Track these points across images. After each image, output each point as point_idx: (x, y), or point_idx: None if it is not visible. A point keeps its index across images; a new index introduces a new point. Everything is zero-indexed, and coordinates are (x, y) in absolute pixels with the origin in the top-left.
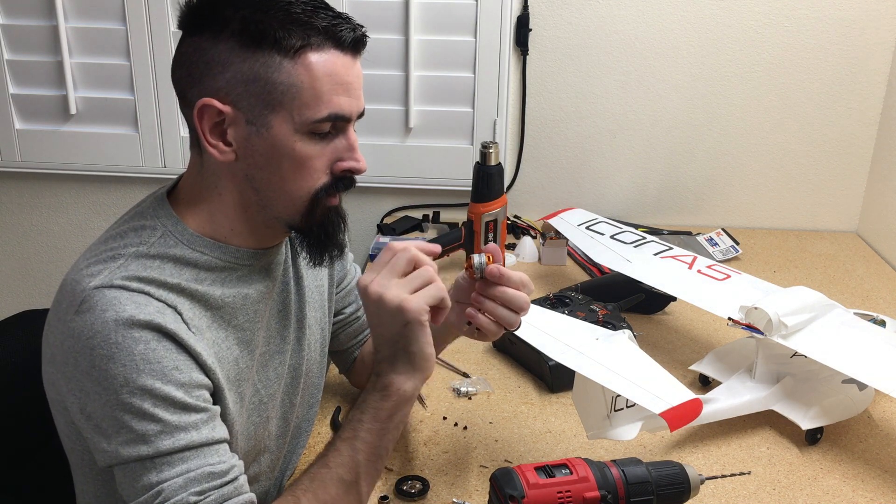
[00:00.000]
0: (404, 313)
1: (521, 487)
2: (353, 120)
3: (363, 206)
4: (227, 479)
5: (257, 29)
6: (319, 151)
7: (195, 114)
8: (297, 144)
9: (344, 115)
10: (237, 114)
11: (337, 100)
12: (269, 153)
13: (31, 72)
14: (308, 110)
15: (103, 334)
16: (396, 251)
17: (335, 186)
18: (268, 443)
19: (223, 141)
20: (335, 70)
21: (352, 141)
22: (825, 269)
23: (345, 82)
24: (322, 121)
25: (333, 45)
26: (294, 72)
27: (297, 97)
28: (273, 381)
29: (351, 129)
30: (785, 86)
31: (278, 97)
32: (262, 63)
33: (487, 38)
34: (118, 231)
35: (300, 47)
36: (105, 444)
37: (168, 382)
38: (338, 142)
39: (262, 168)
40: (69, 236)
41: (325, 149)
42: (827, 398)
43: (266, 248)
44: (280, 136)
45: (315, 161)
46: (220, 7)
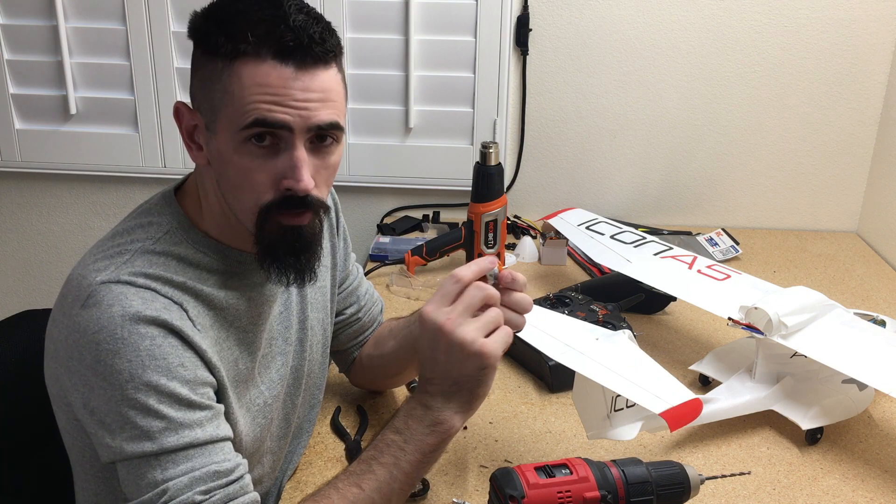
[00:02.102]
0: (483, 358)
1: (521, 487)
2: (295, 132)
3: (363, 206)
4: (232, 478)
5: (208, 36)
6: (259, 165)
7: (173, 115)
8: (235, 154)
9: (271, 123)
10: (200, 118)
11: (265, 108)
12: (220, 160)
13: (31, 72)
14: (237, 118)
15: (109, 329)
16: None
17: (285, 204)
18: (270, 444)
19: (197, 144)
20: (267, 81)
21: (295, 157)
22: (825, 269)
23: (278, 93)
24: (247, 128)
25: (271, 55)
26: (228, 80)
27: (229, 104)
28: (276, 383)
29: (297, 145)
30: (785, 86)
31: (217, 104)
32: (210, 70)
33: (487, 38)
34: (126, 227)
35: (234, 55)
36: (109, 440)
37: (173, 379)
38: (282, 158)
39: (220, 175)
40: (69, 236)
41: (267, 163)
42: (827, 398)
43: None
44: (223, 143)
45: (255, 174)
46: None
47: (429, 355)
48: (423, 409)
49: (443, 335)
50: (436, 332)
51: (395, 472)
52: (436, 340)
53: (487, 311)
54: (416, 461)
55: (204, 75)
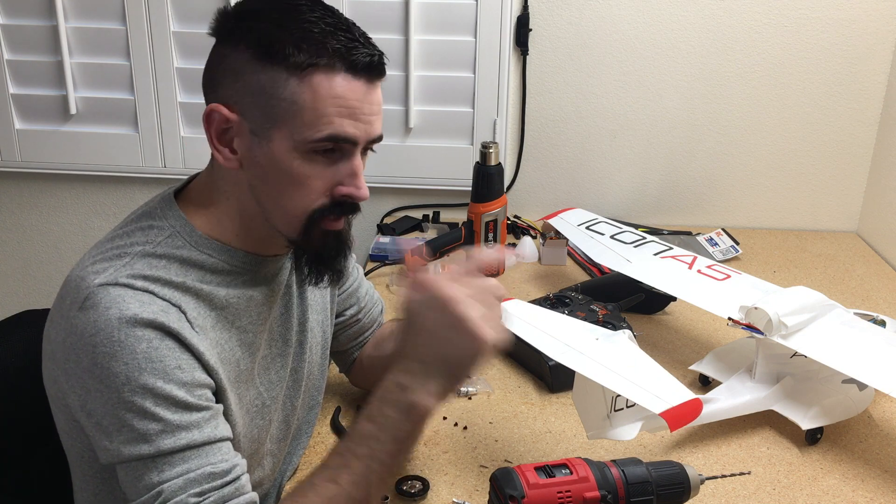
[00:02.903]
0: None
1: (521, 487)
2: (359, 145)
3: (363, 206)
4: (227, 480)
5: (270, 43)
6: (318, 172)
7: (204, 118)
8: (295, 162)
9: (345, 138)
10: (243, 123)
11: (339, 122)
12: (269, 166)
13: (31, 72)
14: (308, 130)
15: (106, 332)
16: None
17: (334, 210)
18: (270, 446)
19: (230, 148)
20: (342, 93)
21: (355, 166)
22: (825, 269)
23: (352, 107)
24: (320, 141)
25: (345, 69)
26: (298, 90)
27: (298, 115)
28: (275, 384)
29: (357, 155)
30: (785, 86)
31: (281, 113)
32: (270, 77)
33: (487, 38)
34: (125, 230)
35: (308, 66)
36: (107, 443)
37: (170, 381)
38: (341, 166)
39: (262, 180)
40: (69, 236)
41: (326, 171)
42: (827, 398)
43: (272, 256)
44: (279, 151)
45: (312, 181)
46: (245, 18)
47: (423, 325)
48: (397, 390)
49: (450, 307)
50: (444, 302)
51: (372, 464)
52: (440, 310)
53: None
54: (392, 450)
55: (258, 81)
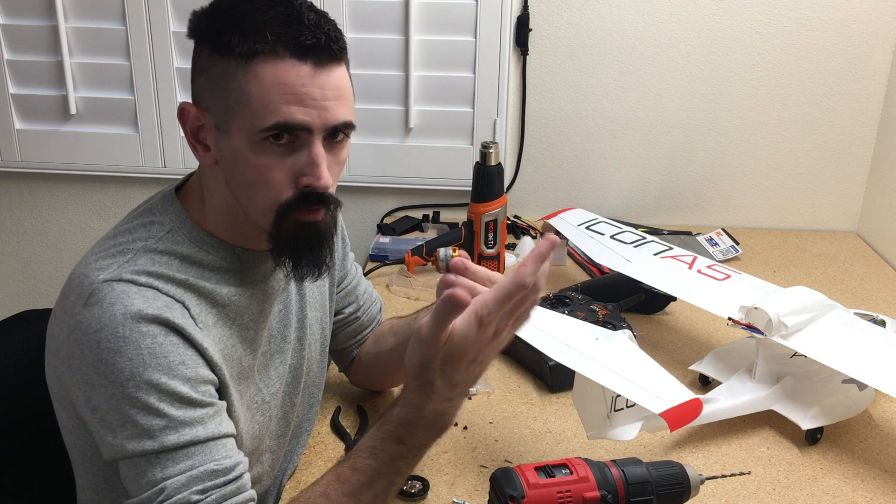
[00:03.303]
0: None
1: (521, 487)
2: (314, 132)
3: (363, 206)
4: (229, 478)
5: (218, 35)
6: (277, 163)
7: (177, 116)
8: (253, 154)
9: (295, 125)
10: (209, 118)
11: (286, 109)
12: (233, 160)
13: (31, 72)
14: (257, 119)
15: (111, 327)
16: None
17: (302, 201)
18: (269, 442)
19: (204, 145)
20: (286, 79)
21: (314, 155)
22: (825, 269)
23: (299, 93)
24: (268, 130)
25: (289, 54)
26: (245, 80)
27: (247, 105)
28: (274, 381)
29: (315, 143)
30: (785, 86)
31: (233, 105)
32: (223, 69)
33: (487, 38)
34: (127, 226)
35: (250, 54)
36: (110, 438)
37: (174, 377)
38: (300, 155)
39: (232, 174)
40: (69, 236)
41: (284, 161)
42: (827, 398)
43: (268, 252)
44: (238, 143)
45: (273, 172)
46: (208, 15)
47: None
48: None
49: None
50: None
51: (395, 479)
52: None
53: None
54: (413, 466)
55: (214, 75)
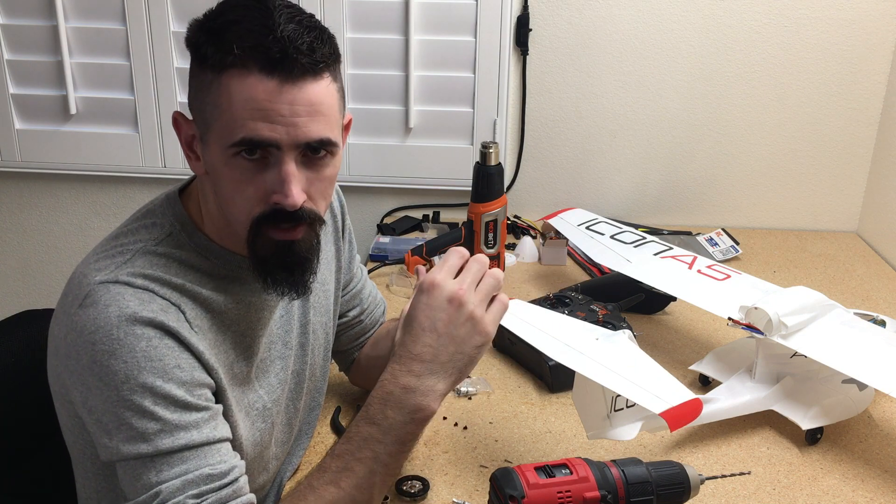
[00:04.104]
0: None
1: (521, 487)
2: (284, 149)
3: (363, 206)
4: (225, 482)
5: (199, 47)
6: (249, 178)
7: (172, 124)
8: (226, 168)
9: (259, 141)
10: (196, 129)
11: (252, 125)
12: (214, 172)
13: (31, 72)
14: (226, 133)
15: (105, 330)
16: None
17: (273, 218)
18: (275, 450)
19: (195, 154)
20: (253, 94)
21: (284, 172)
22: (825, 269)
23: (263, 108)
24: (235, 145)
25: (258, 67)
26: (218, 92)
27: (219, 119)
28: (276, 387)
29: (286, 160)
30: (785, 86)
31: (209, 117)
32: (200, 81)
33: (487, 38)
34: (129, 227)
35: (222, 67)
36: (107, 440)
37: (169, 381)
38: (270, 172)
39: (215, 185)
40: (69, 236)
41: (256, 177)
42: (827, 398)
43: None
44: (215, 156)
45: (244, 187)
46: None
47: (427, 326)
48: (403, 393)
49: (454, 305)
50: (446, 300)
51: (375, 467)
52: (443, 310)
53: (485, 280)
54: (395, 451)
55: (195, 86)
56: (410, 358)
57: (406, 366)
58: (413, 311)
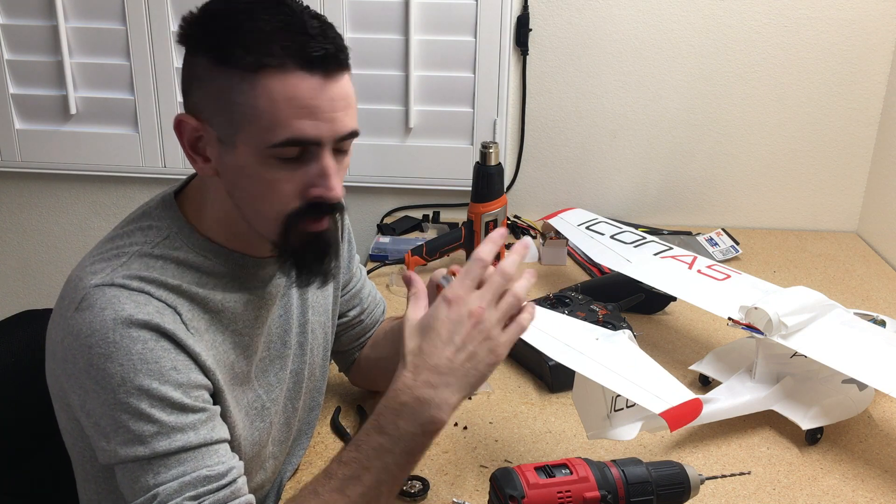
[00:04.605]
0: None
1: (521, 487)
2: (324, 145)
3: (363, 206)
4: (223, 483)
5: (221, 47)
6: (287, 176)
7: (174, 128)
8: (262, 168)
9: (307, 140)
10: (210, 131)
11: (298, 124)
12: (238, 173)
13: (31, 72)
14: (267, 134)
15: (101, 333)
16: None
17: (309, 212)
18: (272, 449)
19: (203, 156)
20: (296, 94)
21: (324, 166)
22: (825, 269)
23: (309, 106)
24: (280, 146)
25: (298, 66)
26: (253, 94)
27: (255, 120)
28: (274, 386)
29: (326, 154)
30: (785, 86)
31: (240, 119)
32: (227, 82)
33: (487, 38)
34: (125, 230)
35: (257, 68)
36: (104, 443)
37: (165, 383)
38: (310, 167)
39: (235, 186)
40: (69, 236)
41: (295, 174)
42: (827, 398)
43: (268, 257)
44: (245, 157)
45: (282, 185)
46: (202, 23)
47: (447, 338)
48: (417, 404)
49: (473, 321)
50: (466, 316)
51: (383, 477)
52: (463, 325)
53: (506, 299)
54: (404, 462)
55: (217, 87)
56: (427, 369)
57: (422, 377)
58: (433, 322)
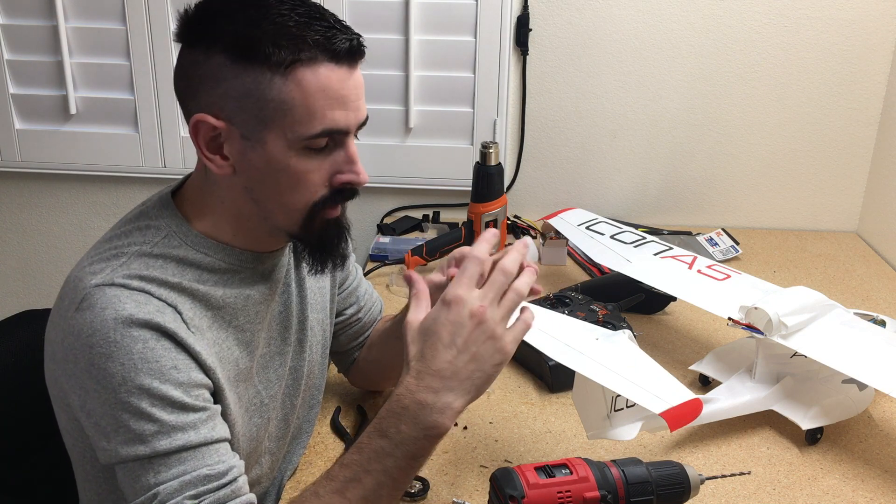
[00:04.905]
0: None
1: (521, 487)
2: (351, 132)
3: (363, 206)
4: (223, 482)
5: (247, 44)
6: (317, 166)
7: (190, 129)
8: (293, 160)
9: (339, 129)
10: (232, 129)
11: (331, 115)
12: (265, 168)
13: (31, 72)
14: (301, 127)
15: (102, 332)
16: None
17: (334, 199)
18: (268, 444)
19: (220, 155)
20: (328, 84)
21: (351, 153)
22: (825, 269)
23: (340, 96)
24: (315, 137)
25: (327, 58)
26: (285, 88)
27: (288, 114)
28: (273, 383)
29: (350, 141)
30: (785, 86)
31: (270, 114)
32: (253, 79)
33: (487, 38)
34: (123, 230)
35: (290, 63)
36: (105, 443)
37: (166, 382)
38: (336, 154)
39: (259, 182)
40: (69, 236)
41: (323, 162)
42: (827, 398)
43: (269, 252)
44: (275, 151)
45: (312, 175)
46: (214, 20)
47: (448, 341)
48: (418, 409)
49: (475, 322)
50: (467, 317)
51: (384, 480)
52: (464, 326)
53: (508, 296)
54: (405, 466)
55: (241, 84)
56: (429, 373)
57: (424, 381)
58: (433, 325)
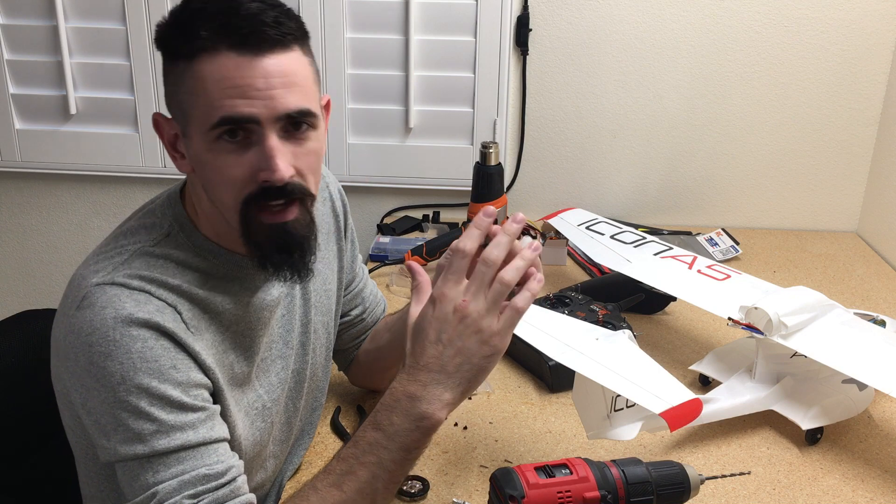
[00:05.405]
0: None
1: (521, 487)
2: (263, 124)
3: (363, 206)
4: (223, 482)
5: (165, 40)
6: (234, 161)
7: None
8: (210, 154)
9: (238, 118)
10: (176, 127)
11: (230, 103)
12: (197, 164)
13: (31, 72)
14: (205, 118)
15: (102, 331)
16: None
17: (263, 197)
18: (273, 448)
19: (180, 153)
20: (226, 73)
21: (268, 148)
22: (825, 269)
23: (239, 85)
24: (215, 127)
25: (227, 46)
26: (192, 80)
27: (197, 106)
28: (276, 386)
29: (268, 135)
30: (785, 86)
31: (187, 107)
32: (173, 74)
33: (487, 38)
34: (128, 228)
35: (193, 54)
36: (104, 441)
37: (165, 381)
38: (255, 150)
39: (202, 178)
40: (69, 236)
41: (242, 158)
42: (827, 398)
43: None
44: (198, 146)
45: (231, 170)
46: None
47: (433, 338)
48: (408, 401)
49: (458, 317)
50: (451, 313)
51: (378, 472)
52: (448, 322)
53: (493, 287)
54: (399, 459)
55: (171, 81)
56: (417, 368)
57: (413, 375)
58: (422, 322)
